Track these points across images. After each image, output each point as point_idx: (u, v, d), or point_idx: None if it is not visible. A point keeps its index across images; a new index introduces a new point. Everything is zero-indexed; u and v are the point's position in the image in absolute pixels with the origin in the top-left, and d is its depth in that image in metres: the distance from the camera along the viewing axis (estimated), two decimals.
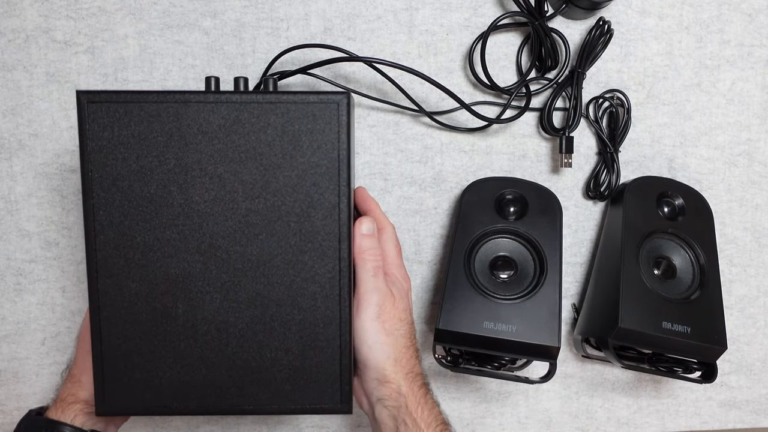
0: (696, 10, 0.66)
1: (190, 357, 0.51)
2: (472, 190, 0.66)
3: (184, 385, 0.51)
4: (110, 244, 0.49)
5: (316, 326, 0.51)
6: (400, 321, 0.54)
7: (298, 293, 0.51)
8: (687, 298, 0.62)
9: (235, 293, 0.50)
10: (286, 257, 0.50)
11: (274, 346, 0.51)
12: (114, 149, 0.49)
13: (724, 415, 0.75)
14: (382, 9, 0.65)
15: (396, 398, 0.52)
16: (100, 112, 0.49)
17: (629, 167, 0.69)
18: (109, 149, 0.49)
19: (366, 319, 0.53)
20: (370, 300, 0.53)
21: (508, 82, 0.67)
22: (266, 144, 0.50)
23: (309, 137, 0.50)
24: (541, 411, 0.74)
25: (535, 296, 0.60)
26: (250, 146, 0.49)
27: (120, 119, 0.49)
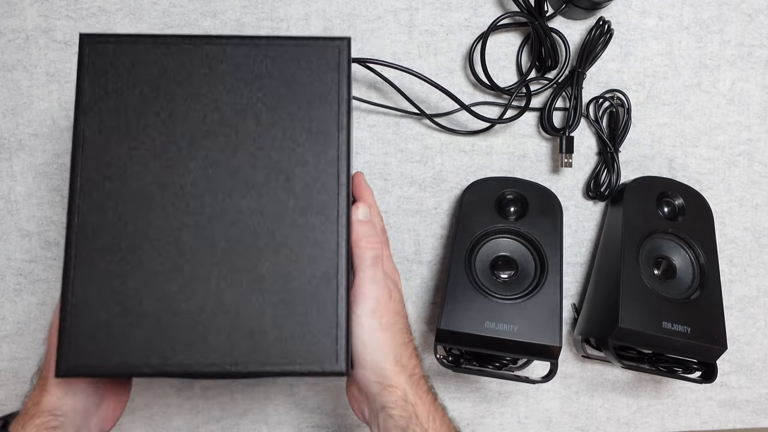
0: (696, 10, 0.66)
1: (173, 310, 0.46)
2: (472, 190, 0.66)
3: (166, 342, 0.45)
4: (94, 173, 0.46)
5: (313, 283, 0.46)
6: (397, 314, 0.50)
7: (294, 248, 0.47)
8: (687, 298, 0.62)
9: (226, 247, 0.46)
10: (282, 212, 0.47)
11: (267, 302, 0.46)
12: (110, 88, 0.47)
13: (724, 415, 0.75)
14: (382, 9, 0.65)
15: (403, 406, 0.47)
16: (99, 52, 0.48)
17: (629, 167, 0.70)
18: (106, 88, 0.47)
19: (361, 314, 0.48)
20: (367, 292, 0.48)
21: (509, 82, 0.67)
22: (264, 90, 0.48)
23: (309, 82, 0.48)
24: (541, 411, 0.74)
25: (536, 296, 0.60)
26: (247, 93, 0.48)
27: (118, 59, 0.48)
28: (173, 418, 0.74)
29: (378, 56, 0.66)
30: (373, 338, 0.48)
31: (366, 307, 0.48)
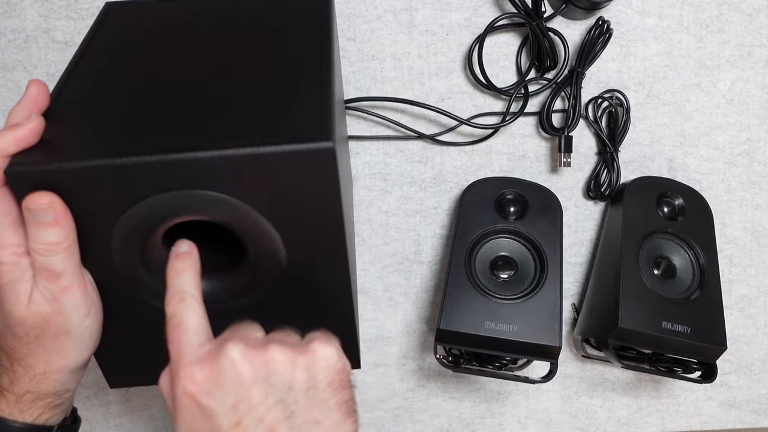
0: (696, 10, 0.66)
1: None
2: (472, 190, 0.66)
3: None
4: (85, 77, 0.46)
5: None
6: None
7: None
8: (687, 298, 0.62)
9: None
10: None
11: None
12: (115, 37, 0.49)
13: (724, 415, 0.75)
14: (382, 9, 0.65)
15: None
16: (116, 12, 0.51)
17: (629, 167, 0.70)
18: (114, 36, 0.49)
19: None
20: None
21: (509, 82, 0.67)
22: (251, 29, 0.48)
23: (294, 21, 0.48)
24: (541, 411, 0.74)
25: (536, 296, 0.60)
26: (237, 35, 0.48)
27: (130, 16, 0.51)
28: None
29: (378, 56, 0.66)
30: None
31: None
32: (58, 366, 0.42)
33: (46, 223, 0.37)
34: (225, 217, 0.39)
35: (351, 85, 0.67)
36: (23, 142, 0.37)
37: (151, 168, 0.37)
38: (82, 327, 0.41)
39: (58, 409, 0.43)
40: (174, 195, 0.38)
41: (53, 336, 0.40)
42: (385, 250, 0.70)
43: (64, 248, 0.38)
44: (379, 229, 0.70)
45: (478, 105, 0.67)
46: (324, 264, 0.43)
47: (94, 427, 0.73)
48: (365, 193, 0.69)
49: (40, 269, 0.39)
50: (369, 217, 0.70)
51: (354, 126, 0.68)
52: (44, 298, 0.39)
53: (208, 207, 0.39)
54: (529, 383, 0.62)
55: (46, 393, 0.42)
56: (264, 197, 0.39)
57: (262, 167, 0.37)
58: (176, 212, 0.39)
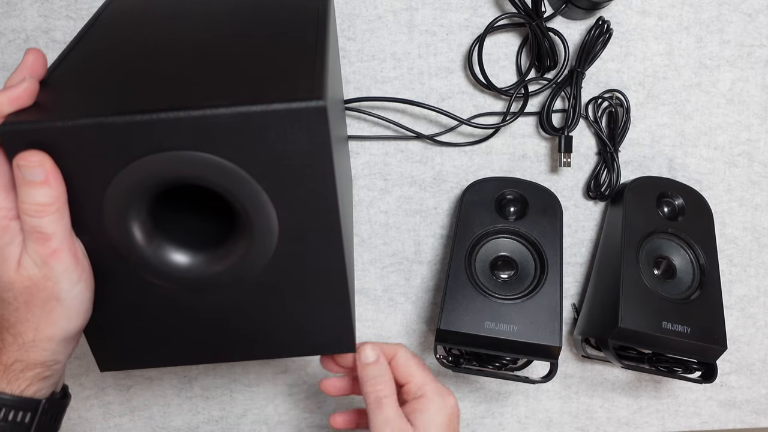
0: (696, 10, 0.66)
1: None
2: (472, 190, 0.66)
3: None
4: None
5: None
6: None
7: None
8: (687, 298, 0.62)
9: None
10: None
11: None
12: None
13: (724, 415, 0.76)
14: (382, 9, 0.65)
15: None
16: None
17: (629, 167, 0.70)
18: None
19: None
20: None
21: (509, 82, 0.67)
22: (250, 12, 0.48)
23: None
24: (541, 411, 0.74)
25: (536, 296, 0.60)
26: (235, 19, 0.49)
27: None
28: (173, 418, 0.74)
29: (378, 56, 0.66)
30: None
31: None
32: (48, 334, 0.41)
33: (36, 183, 0.37)
34: (216, 180, 0.39)
35: (351, 85, 0.67)
36: (17, 101, 0.38)
37: (142, 127, 0.37)
38: (73, 293, 0.41)
39: (47, 382, 0.42)
40: (165, 156, 0.38)
41: (43, 302, 0.40)
42: (385, 250, 0.70)
43: (54, 210, 0.38)
44: (379, 229, 0.70)
45: (478, 105, 0.67)
46: (316, 234, 0.42)
47: (94, 427, 0.74)
48: (365, 193, 0.69)
49: (30, 231, 0.38)
50: (369, 217, 0.70)
51: (354, 126, 0.68)
52: (34, 261, 0.39)
53: (199, 169, 0.38)
54: (529, 383, 0.62)
55: (35, 363, 0.41)
56: (255, 159, 0.38)
57: (253, 127, 0.37)
58: (168, 174, 0.39)
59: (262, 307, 0.45)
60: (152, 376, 0.72)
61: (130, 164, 0.38)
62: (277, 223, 0.41)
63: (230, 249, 0.43)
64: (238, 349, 0.47)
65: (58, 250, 0.39)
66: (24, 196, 0.38)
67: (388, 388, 0.49)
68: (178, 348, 0.47)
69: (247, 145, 0.38)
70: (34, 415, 0.41)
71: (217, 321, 0.46)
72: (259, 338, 0.47)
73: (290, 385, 0.74)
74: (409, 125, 0.67)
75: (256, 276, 0.43)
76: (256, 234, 0.41)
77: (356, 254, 0.70)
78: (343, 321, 0.46)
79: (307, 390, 0.74)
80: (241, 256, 0.42)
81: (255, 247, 0.42)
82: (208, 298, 0.44)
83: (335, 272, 0.44)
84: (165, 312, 0.45)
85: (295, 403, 0.74)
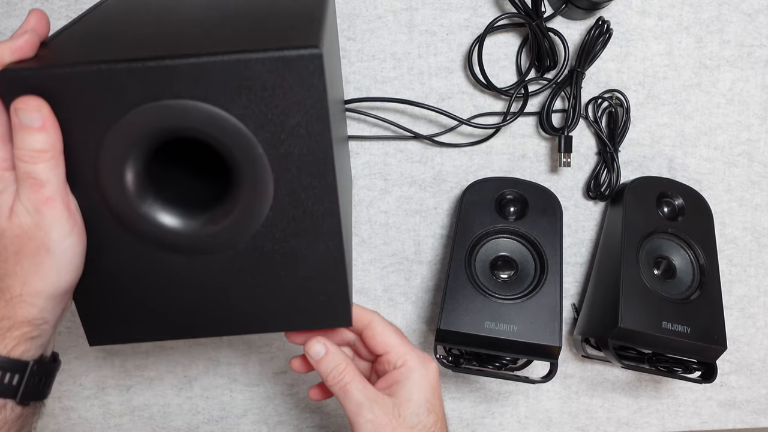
0: (696, 10, 0.66)
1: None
2: (472, 190, 0.66)
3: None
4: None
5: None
6: (411, 428, 0.47)
7: None
8: (687, 298, 0.62)
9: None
10: None
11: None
12: None
13: (724, 415, 0.76)
14: (382, 9, 0.65)
15: None
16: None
17: (629, 167, 0.70)
18: None
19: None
20: (356, 420, 0.47)
21: (509, 82, 0.67)
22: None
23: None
24: (541, 411, 0.74)
25: (536, 296, 0.60)
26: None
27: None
28: (173, 418, 0.74)
29: (378, 56, 0.66)
30: None
31: (365, 431, 0.47)
32: (36, 288, 0.40)
33: (33, 129, 0.38)
34: (212, 132, 0.39)
35: (351, 85, 0.67)
36: (19, 52, 0.38)
37: (140, 74, 0.37)
38: (64, 245, 0.40)
39: (34, 342, 0.41)
40: (161, 105, 0.38)
41: (33, 252, 0.39)
42: (385, 250, 0.70)
43: (49, 157, 0.38)
44: (379, 229, 0.70)
45: (478, 105, 0.67)
46: (312, 195, 0.42)
47: (94, 427, 0.74)
48: (365, 193, 0.69)
49: (24, 177, 0.38)
50: (369, 217, 0.70)
51: (354, 126, 0.68)
52: (26, 209, 0.39)
53: (195, 119, 0.39)
54: (529, 383, 0.62)
55: (22, 320, 0.40)
56: (251, 109, 0.39)
57: (249, 75, 0.37)
58: (164, 124, 0.39)
59: (255, 276, 0.44)
60: (152, 376, 0.72)
61: (127, 114, 0.38)
62: (272, 179, 0.41)
63: (224, 210, 0.42)
64: (231, 322, 0.46)
65: (51, 199, 0.39)
66: (20, 141, 0.38)
67: (348, 374, 0.48)
68: (169, 321, 0.46)
69: (243, 95, 0.38)
70: (22, 377, 0.40)
71: (210, 290, 0.45)
72: (252, 310, 0.46)
73: (290, 385, 0.74)
74: (409, 125, 0.67)
75: (249, 239, 0.43)
76: (249, 192, 0.41)
77: (356, 254, 0.70)
78: (339, 293, 0.45)
79: (307, 390, 0.74)
80: (234, 217, 0.42)
81: (248, 206, 0.42)
82: (201, 266, 0.44)
83: (331, 239, 0.43)
84: (156, 280, 0.44)
85: (295, 403, 0.74)
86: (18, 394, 0.40)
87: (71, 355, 0.71)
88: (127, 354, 0.71)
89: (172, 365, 0.72)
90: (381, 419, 0.47)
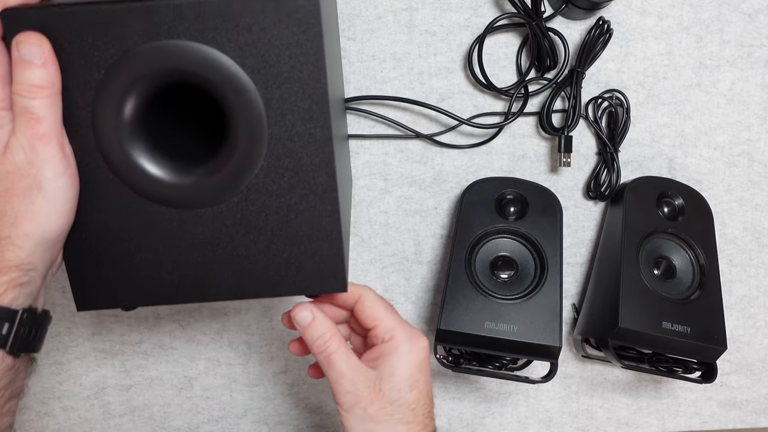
0: (696, 10, 0.66)
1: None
2: (472, 190, 0.66)
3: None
4: None
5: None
6: (390, 404, 0.46)
7: None
8: (687, 298, 0.62)
9: None
10: None
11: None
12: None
13: (724, 415, 0.76)
14: (382, 9, 0.65)
15: None
16: None
17: (629, 167, 0.70)
18: None
19: (344, 411, 0.47)
20: (337, 390, 0.47)
21: (509, 82, 0.67)
22: None
23: None
24: (541, 411, 0.74)
25: (536, 296, 0.60)
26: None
27: None
28: (173, 418, 0.74)
29: (378, 56, 0.66)
30: (363, 430, 0.46)
31: (344, 402, 0.47)
32: (25, 230, 0.39)
33: (33, 64, 0.38)
34: (209, 75, 0.39)
35: (351, 85, 0.67)
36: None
37: (139, 13, 0.38)
38: (56, 186, 0.40)
39: (23, 290, 0.40)
40: (160, 45, 0.39)
41: (24, 190, 0.39)
42: (385, 250, 0.70)
43: (47, 94, 0.39)
44: (379, 229, 0.70)
45: (478, 105, 0.67)
46: (306, 147, 0.42)
47: (94, 427, 0.74)
48: (365, 193, 0.69)
49: (21, 112, 0.39)
50: (369, 217, 0.70)
51: (354, 126, 0.68)
52: (20, 145, 0.39)
53: (193, 60, 0.39)
54: (529, 383, 0.62)
55: (10, 264, 0.39)
56: (248, 51, 0.39)
57: (247, 15, 0.38)
58: (162, 65, 0.39)
59: (249, 233, 0.44)
60: (152, 376, 0.72)
61: (125, 54, 0.39)
62: (266, 126, 0.41)
63: (218, 162, 0.42)
64: (224, 287, 0.45)
65: (46, 135, 0.39)
66: (19, 76, 0.38)
67: (333, 343, 0.47)
68: (160, 284, 0.45)
69: (240, 36, 0.39)
70: (11, 326, 0.39)
71: (202, 248, 0.44)
72: (245, 274, 0.45)
73: (290, 385, 0.74)
74: (410, 126, 0.67)
75: (243, 192, 0.42)
76: (244, 140, 0.41)
77: (356, 254, 0.70)
78: (334, 254, 0.45)
79: (307, 390, 0.74)
80: (229, 168, 0.42)
81: (243, 155, 0.41)
82: (194, 220, 0.43)
83: (326, 193, 0.43)
84: (148, 235, 0.44)
85: (295, 403, 0.74)
86: (8, 343, 0.39)
87: (71, 355, 0.71)
88: (127, 354, 0.71)
89: (172, 365, 0.72)
90: (361, 391, 0.46)
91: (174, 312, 0.71)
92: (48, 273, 0.43)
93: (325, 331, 0.47)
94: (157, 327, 0.71)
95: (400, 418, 0.47)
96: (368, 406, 0.46)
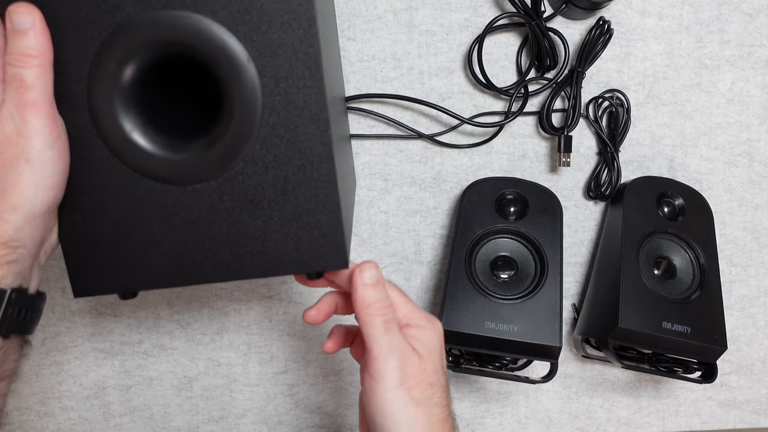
0: (696, 10, 0.66)
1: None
2: (472, 190, 0.66)
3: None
4: None
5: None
6: (431, 386, 0.44)
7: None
8: (687, 298, 0.62)
9: None
10: None
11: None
12: None
13: (724, 415, 0.76)
14: (382, 9, 0.65)
15: None
16: None
17: (629, 167, 0.70)
18: None
19: (388, 388, 0.42)
20: (387, 364, 0.42)
21: (509, 82, 0.67)
22: None
23: None
24: (541, 411, 0.74)
25: (536, 296, 0.60)
26: None
27: None
28: (173, 418, 0.74)
29: (378, 56, 0.66)
30: (406, 416, 0.42)
31: (391, 380, 0.42)
32: (12, 202, 0.38)
33: (24, 32, 0.38)
34: (202, 45, 0.39)
35: (351, 85, 0.67)
36: None
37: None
38: (44, 156, 0.39)
39: (11, 268, 0.38)
40: (153, 16, 0.39)
41: (11, 160, 0.38)
42: (385, 250, 0.70)
43: (37, 63, 0.39)
44: (379, 229, 0.70)
45: (478, 105, 0.67)
46: (301, 116, 0.41)
47: (94, 427, 0.74)
48: (365, 193, 0.69)
49: (11, 80, 0.38)
50: (369, 217, 0.70)
51: (354, 126, 0.68)
52: (10, 113, 0.38)
53: (186, 30, 0.39)
54: (529, 383, 0.62)
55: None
56: (241, 17, 0.39)
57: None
58: (157, 36, 0.39)
59: (246, 210, 0.43)
60: (152, 376, 0.72)
61: (119, 26, 0.39)
62: (260, 94, 0.41)
63: (213, 136, 0.42)
64: (222, 267, 0.44)
65: (35, 104, 0.39)
66: (10, 46, 0.39)
67: (391, 311, 0.44)
68: (159, 266, 0.44)
69: (231, 2, 0.39)
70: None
71: (200, 229, 0.43)
72: (244, 252, 0.44)
73: (290, 385, 0.74)
74: (409, 126, 0.67)
75: (239, 164, 0.42)
76: (239, 110, 0.41)
77: (356, 254, 0.70)
78: (333, 233, 0.43)
79: (307, 390, 0.74)
80: (224, 140, 0.42)
81: (238, 126, 0.41)
82: (191, 197, 0.43)
83: (323, 164, 0.42)
84: (144, 216, 0.43)
85: (295, 403, 0.74)
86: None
87: (71, 355, 0.71)
88: (127, 354, 0.71)
89: (172, 365, 0.72)
90: (409, 369, 0.43)
91: (174, 312, 0.71)
92: (40, 253, 0.42)
93: (386, 296, 0.44)
94: (157, 327, 0.71)
95: (437, 401, 0.44)
96: (414, 388, 0.43)
